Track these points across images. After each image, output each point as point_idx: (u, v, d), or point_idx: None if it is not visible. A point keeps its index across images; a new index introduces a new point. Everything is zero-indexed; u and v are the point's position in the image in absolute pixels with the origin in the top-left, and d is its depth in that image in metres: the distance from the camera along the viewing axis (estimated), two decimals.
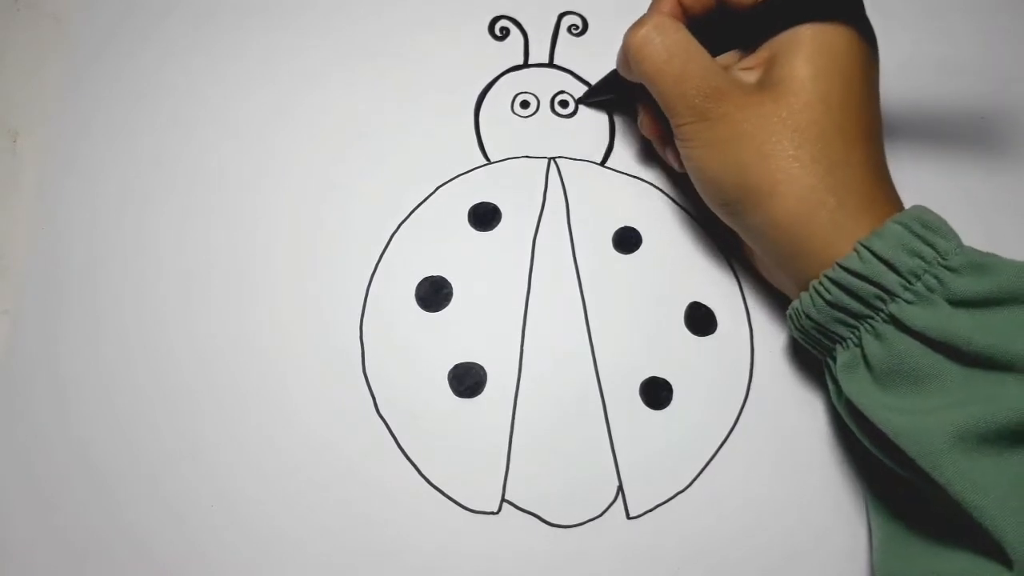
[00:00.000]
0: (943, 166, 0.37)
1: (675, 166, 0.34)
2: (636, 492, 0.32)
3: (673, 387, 0.34)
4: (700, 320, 0.34)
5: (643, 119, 0.34)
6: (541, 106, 0.37)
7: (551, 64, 0.37)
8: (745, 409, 0.33)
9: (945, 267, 0.26)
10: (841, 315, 0.28)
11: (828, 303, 0.28)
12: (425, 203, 0.35)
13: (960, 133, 0.37)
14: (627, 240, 0.35)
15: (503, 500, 0.32)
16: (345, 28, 0.37)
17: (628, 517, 0.32)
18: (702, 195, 0.32)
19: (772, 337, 0.34)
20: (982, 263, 0.26)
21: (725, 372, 0.34)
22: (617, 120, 0.37)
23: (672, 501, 0.32)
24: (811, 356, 0.34)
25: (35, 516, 0.31)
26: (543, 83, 0.37)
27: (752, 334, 0.34)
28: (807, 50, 0.29)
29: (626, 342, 0.34)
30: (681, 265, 0.35)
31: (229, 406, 0.33)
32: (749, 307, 0.35)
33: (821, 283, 0.28)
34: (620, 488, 0.32)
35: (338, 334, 0.34)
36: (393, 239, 0.35)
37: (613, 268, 0.35)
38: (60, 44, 0.36)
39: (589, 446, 0.33)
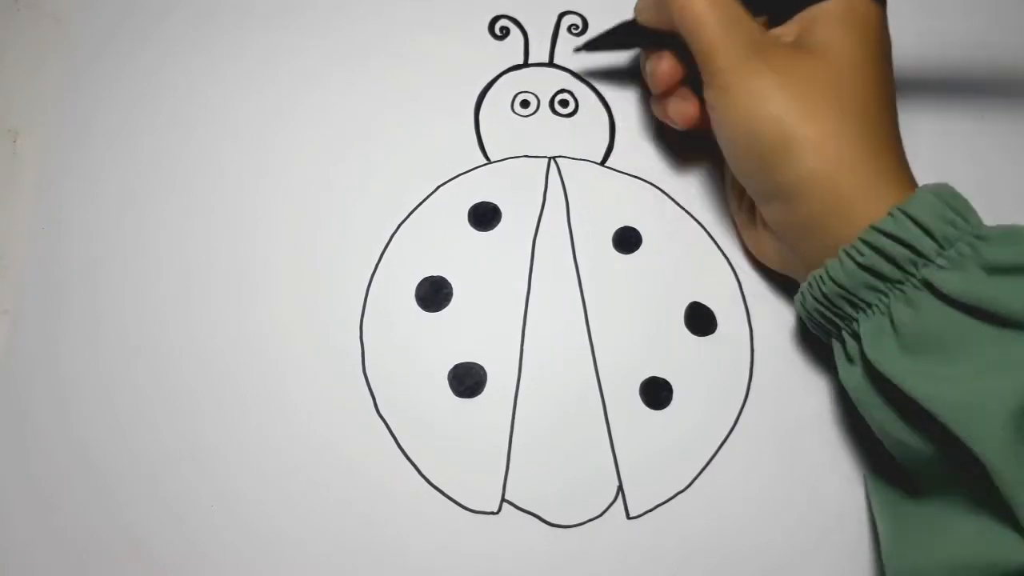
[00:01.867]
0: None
1: (675, 121, 0.33)
2: (636, 492, 0.32)
3: (673, 387, 0.34)
4: (700, 320, 0.34)
5: (658, 66, 0.33)
6: (541, 106, 0.37)
7: (551, 64, 0.37)
8: (745, 409, 0.33)
9: (977, 236, 0.27)
10: (872, 279, 0.28)
11: (860, 265, 0.28)
12: (425, 203, 0.35)
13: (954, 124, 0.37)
14: (627, 240, 0.35)
15: (503, 500, 0.32)
16: (345, 28, 0.37)
17: (628, 517, 0.32)
18: (733, 149, 0.31)
19: (772, 337, 0.34)
20: (1013, 232, 0.26)
21: (725, 372, 0.34)
22: (617, 120, 0.37)
23: (672, 501, 0.32)
24: (812, 356, 0.34)
25: (35, 516, 0.31)
26: (543, 83, 0.37)
27: (752, 334, 0.34)
28: (843, 18, 0.30)
29: (626, 342, 0.34)
30: (681, 265, 0.35)
31: (229, 406, 0.33)
32: (749, 307, 0.34)
33: (855, 246, 0.28)
34: (620, 488, 0.32)
35: (338, 334, 0.34)
36: (393, 239, 0.35)
37: (613, 268, 0.35)
38: (60, 44, 0.37)
39: (589, 446, 0.33)
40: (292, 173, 0.35)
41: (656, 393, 0.33)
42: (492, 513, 0.32)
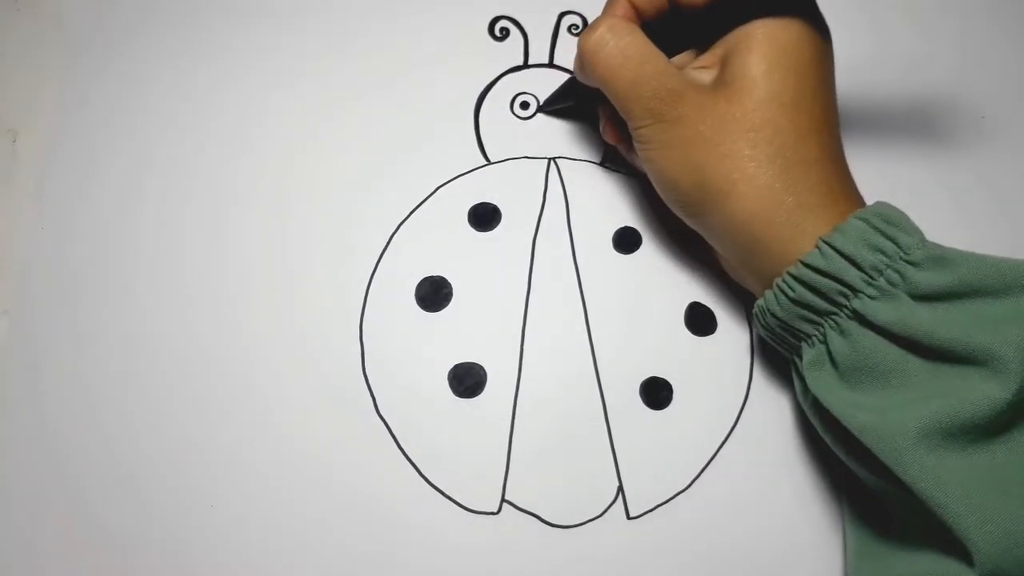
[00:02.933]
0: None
1: (640, 169, 0.33)
2: (636, 492, 0.32)
3: (673, 387, 0.34)
4: (700, 320, 0.34)
5: (604, 124, 0.34)
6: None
7: (551, 64, 0.37)
8: (745, 409, 0.33)
9: (907, 261, 0.27)
10: (805, 312, 0.28)
11: (792, 300, 0.28)
12: (425, 203, 0.35)
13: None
14: (627, 240, 0.35)
15: (503, 500, 0.32)
16: (345, 29, 0.37)
17: (628, 517, 0.32)
18: (662, 196, 0.31)
19: None
20: (943, 256, 0.26)
21: (725, 372, 0.34)
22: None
23: (672, 501, 0.32)
24: None
25: (34, 516, 0.31)
26: (543, 83, 0.37)
27: (752, 334, 0.34)
28: (759, 47, 0.29)
29: (626, 342, 0.34)
30: (681, 265, 0.35)
31: (228, 406, 0.33)
32: (749, 307, 0.35)
33: (784, 280, 0.28)
34: (620, 488, 0.32)
35: (338, 334, 0.34)
36: (393, 239, 0.35)
37: (613, 268, 0.35)
38: (60, 44, 0.36)
39: (589, 446, 0.33)
40: (292, 173, 0.35)
41: (656, 393, 0.33)
42: (492, 513, 0.32)
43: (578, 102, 0.35)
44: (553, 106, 0.36)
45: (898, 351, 0.26)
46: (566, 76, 0.37)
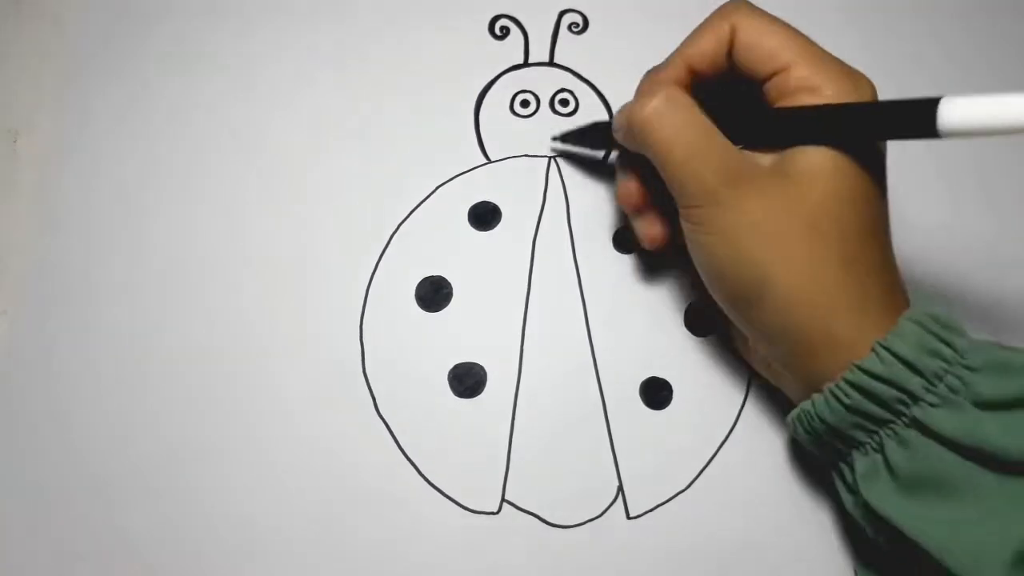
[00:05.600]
0: None
1: (647, 241, 0.32)
2: (636, 492, 0.32)
3: (673, 387, 0.34)
4: (700, 320, 0.34)
5: (623, 186, 0.32)
6: (541, 105, 0.37)
7: (551, 63, 0.37)
8: (745, 409, 0.33)
9: (967, 367, 0.25)
10: (860, 420, 0.27)
11: (846, 407, 0.27)
12: (425, 203, 0.35)
13: None
14: (627, 240, 0.35)
15: (503, 500, 0.32)
16: (344, 27, 0.37)
17: (628, 517, 0.32)
18: (708, 284, 0.29)
19: None
20: (1004, 361, 0.25)
21: (725, 372, 0.34)
22: None
23: (672, 501, 0.32)
24: None
25: (33, 517, 0.31)
26: (543, 82, 0.37)
27: None
28: (829, 150, 0.27)
29: (626, 342, 0.34)
30: (681, 265, 0.35)
31: (228, 406, 0.33)
32: None
33: (839, 386, 0.26)
34: (620, 488, 0.32)
35: (338, 334, 0.34)
36: (393, 239, 0.35)
37: (613, 268, 0.35)
38: (60, 45, 0.36)
39: (589, 446, 0.33)
40: (291, 173, 0.35)
41: (656, 393, 0.33)
42: (492, 513, 0.32)
43: (595, 148, 0.35)
44: (574, 143, 0.35)
45: (966, 463, 0.25)
46: (566, 75, 0.37)
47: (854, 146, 0.26)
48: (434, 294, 0.34)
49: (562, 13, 0.38)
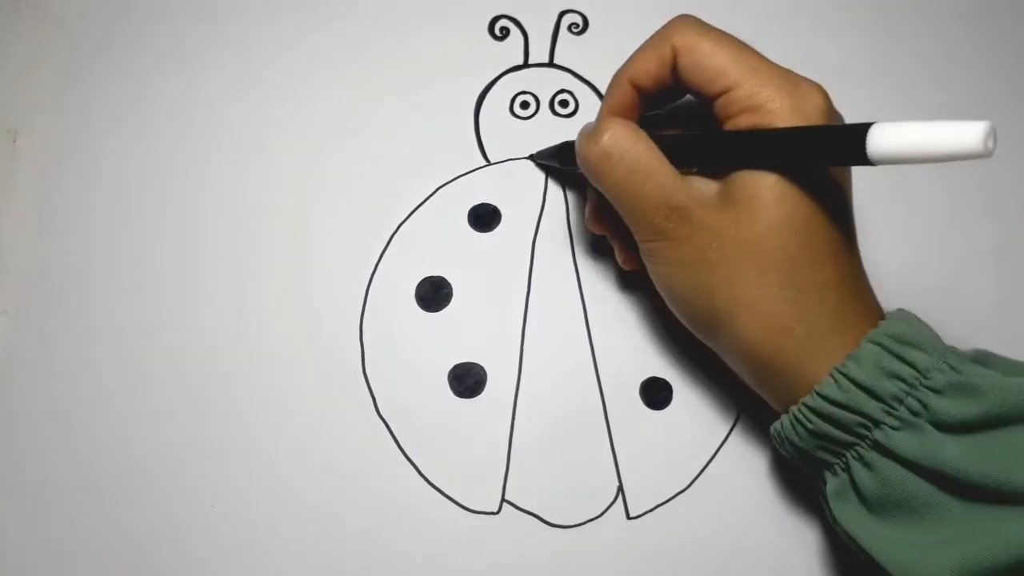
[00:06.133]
0: None
1: (621, 263, 0.32)
2: (636, 492, 0.32)
3: (673, 387, 0.34)
4: None
5: (589, 213, 0.32)
6: (541, 106, 0.37)
7: (551, 64, 0.37)
8: (745, 409, 0.33)
9: (929, 388, 0.25)
10: (825, 443, 0.27)
11: (810, 432, 0.27)
12: (425, 204, 0.35)
13: None
14: None
15: (503, 500, 0.32)
16: (344, 28, 0.37)
17: (628, 517, 0.32)
18: (671, 308, 0.30)
19: None
20: (966, 383, 0.25)
21: (725, 372, 0.34)
22: None
23: (672, 501, 0.32)
24: None
25: (33, 517, 0.31)
26: (543, 83, 0.37)
27: None
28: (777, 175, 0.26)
29: (626, 342, 0.34)
30: None
31: (228, 406, 0.33)
32: None
33: (800, 411, 0.27)
34: (620, 488, 0.32)
35: (338, 334, 0.34)
36: (393, 239, 0.35)
37: (613, 269, 0.35)
38: (60, 44, 0.36)
39: (589, 446, 0.33)
40: (291, 173, 0.35)
41: (656, 393, 0.33)
42: (492, 513, 0.32)
43: (570, 165, 0.34)
44: (549, 161, 0.35)
45: (929, 486, 0.25)
46: (566, 75, 0.37)
47: (797, 170, 0.26)
48: (434, 294, 0.34)
49: (562, 14, 0.38)
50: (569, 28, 0.38)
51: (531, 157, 0.36)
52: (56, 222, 0.34)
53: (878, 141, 0.22)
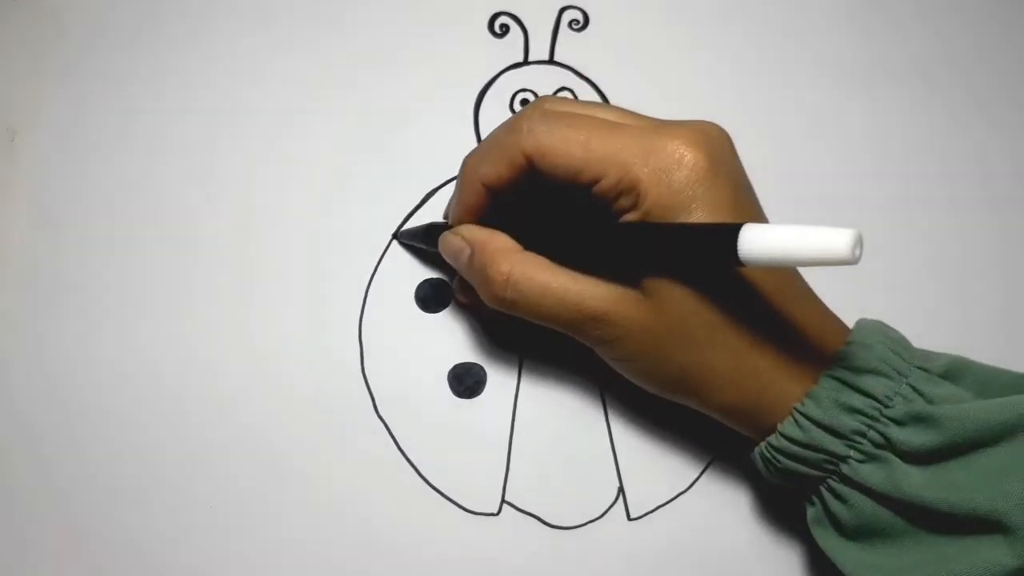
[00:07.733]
0: None
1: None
2: (637, 493, 0.32)
3: None
4: None
5: (457, 284, 0.33)
6: None
7: (551, 61, 0.37)
8: None
9: (890, 418, 0.25)
10: (795, 478, 0.27)
11: (778, 469, 0.27)
12: (425, 204, 0.35)
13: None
14: None
15: (503, 501, 0.32)
16: (343, 27, 0.37)
17: (629, 518, 0.32)
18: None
19: None
20: (926, 414, 0.25)
21: None
22: None
23: (673, 502, 0.32)
24: None
25: (32, 517, 0.31)
26: (543, 81, 0.37)
27: None
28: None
29: None
30: None
31: (228, 407, 0.33)
32: None
33: (767, 451, 0.27)
34: (621, 489, 0.32)
35: (337, 334, 0.33)
36: (393, 240, 0.35)
37: None
38: (59, 42, 0.36)
39: (589, 447, 0.33)
40: (291, 173, 0.35)
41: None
42: (492, 514, 0.32)
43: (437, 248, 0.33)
44: (410, 242, 0.34)
45: (897, 517, 0.26)
46: (566, 73, 0.37)
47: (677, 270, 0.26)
48: (434, 295, 0.34)
49: (562, 10, 0.38)
50: (570, 25, 0.37)
51: (395, 237, 0.34)
52: (55, 221, 0.34)
53: (749, 247, 0.22)
